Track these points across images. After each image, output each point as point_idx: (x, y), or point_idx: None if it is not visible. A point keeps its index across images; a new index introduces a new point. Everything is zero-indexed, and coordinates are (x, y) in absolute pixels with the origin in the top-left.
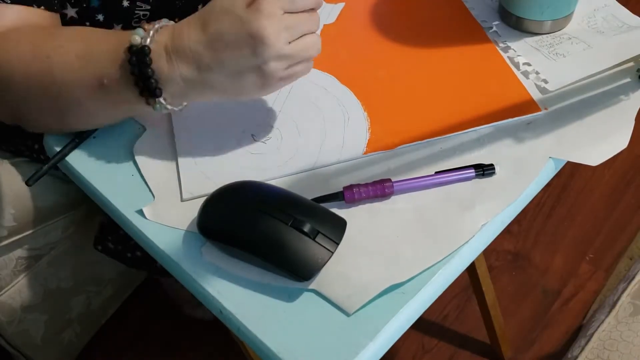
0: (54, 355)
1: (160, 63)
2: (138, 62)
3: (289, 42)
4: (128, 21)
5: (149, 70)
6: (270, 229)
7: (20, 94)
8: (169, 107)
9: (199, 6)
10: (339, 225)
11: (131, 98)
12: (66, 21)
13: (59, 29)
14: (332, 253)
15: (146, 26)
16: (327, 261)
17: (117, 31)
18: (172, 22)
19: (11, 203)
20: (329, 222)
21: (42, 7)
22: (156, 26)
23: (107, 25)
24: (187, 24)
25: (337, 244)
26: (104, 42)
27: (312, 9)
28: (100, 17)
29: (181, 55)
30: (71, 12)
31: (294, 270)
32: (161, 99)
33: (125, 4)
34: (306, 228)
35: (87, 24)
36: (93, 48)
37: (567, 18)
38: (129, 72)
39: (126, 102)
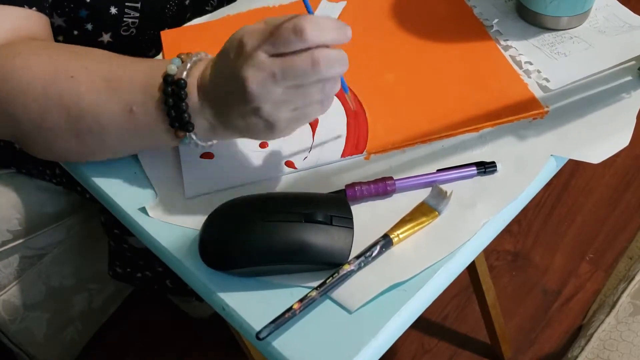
0: (55, 353)
1: (192, 98)
2: (173, 94)
3: (282, 87)
4: (117, 29)
5: (183, 104)
6: (289, 234)
7: (36, 112)
8: (199, 142)
9: (187, 15)
10: (342, 203)
11: (159, 129)
12: (54, 29)
13: (78, 47)
14: (353, 228)
15: (183, 56)
16: (352, 237)
17: (142, 58)
18: (210, 56)
19: (16, 209)
20: (332, 203)
21: (34, 9)
22: (193, 59)
23: (95, 34)
24: (210, 60)
25: (351, 219)
26: (132, 68)
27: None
28: (89, 26)
29: (204, 92)
30: (59, 20)
31: (329, 260)
32: (192, 134)
33: (113, 11)
34: (320, 217)
35: (75, 32)
36: (121, 72)
37: (584, 15)
38: (162, 103)
39: (153, 133)
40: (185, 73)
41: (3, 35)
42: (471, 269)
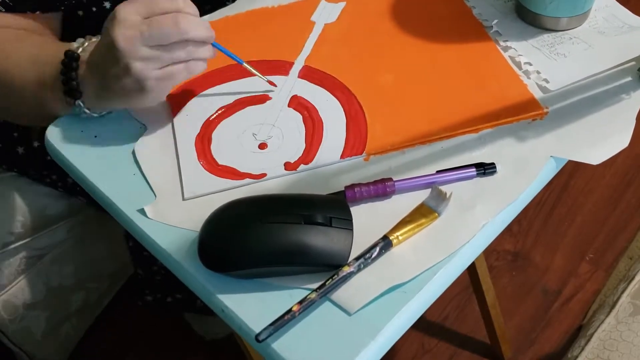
0: (52, 349)
1: (82, 70)
2: (67, 65)
3: (148, 46)
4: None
5: (73, 73)
6: (289, 235)
7: None
8: (87, 110)
9: (207, 7)
10: (342, 204)
11: (56, 96)
12: (73, 4)
13: (31, 36)
14: (352, 230)
15: (89, 36)
16: (352, 239)
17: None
18: None
19: (19, 211)
20: (332, 205)
21: (38, 12)
22: (93, 39)
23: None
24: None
25: (351, 220)
26: (54, 47)
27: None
28: (107, 4)
29: (90, 65)
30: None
31: (328, 261)
32: (80, 102)
33: (107, 5)
34: (320, 219)
35: (94, 9)
36: (44, 52)
37: (584, 16)
38: (59, 72)
39: (56, 100)
40: (80, 49)
41: None
42: (471, 269)
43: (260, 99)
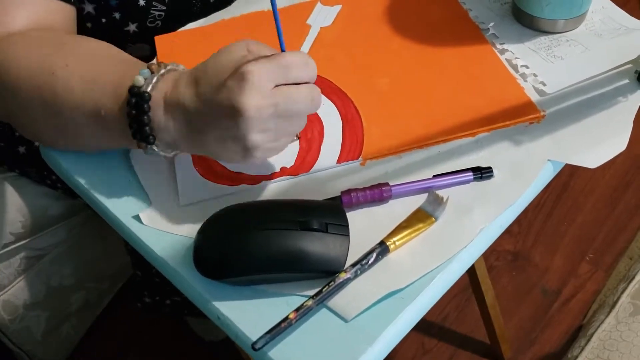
0: (52, 349)
1: (157, 112)
2: (136, 106)
3: (275, 117)
4: (143, 20)
5: (146, 117)
6: (285, 242)
7: (22, 102)
8: (161, 153)
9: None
10: (338, 210)
11: (125, 135)
12: (82, 16)
13: (70, 42)
14: (348, 236)
15: (153, 67)
16: (348, 245)
17: (127, 59)
18: (181, 67)
19: (20, 211)
20: (328, 210)
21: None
22: (162, 71)
23: (122, 23)
24: (185, 77)
25: (347, 226)
26: (110, 70)
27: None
28: (117, 15)
29: (175, 110)
30: (89, 7)
31: (325, 268)
32: (153, 146)
33: (142, 3)
34: (316, 225)
35: (104, 20)
36: (98, 74)
37: (581, 18)
38: (126, 113)
39: (121, 137)
40: (150, 86)
41: (19, 23)
42: (470, 269)
43: None
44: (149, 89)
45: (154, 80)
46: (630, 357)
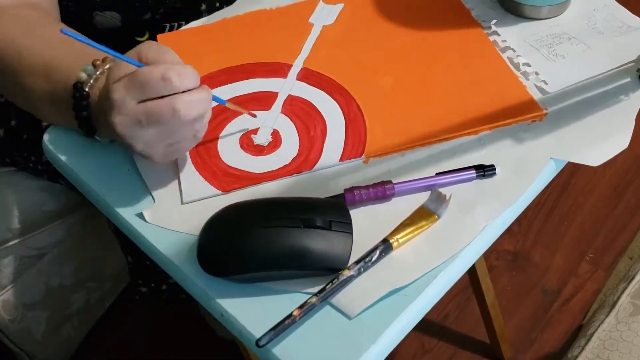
0: (53, 350)
1: (95, 106)
2: (78, 102)
3: (146, 128)
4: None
5: (85, 113)
6: (289, 240)
7: None
8: (105, 140)
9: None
10: (341, 207)
11: (73, 120)
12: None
13: (43, 26)
14: (352, 233)
15: (97, 62)
16: (352, 242)
17: (86, 48)
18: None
19: (17, 207)
20: (331, 208)
21: None
22: (99, 70)
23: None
24: (103, 89)
25: (350, 223)
26: (68, 60)
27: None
28: None
29: (100, 115)
30: None
31: (328, 265)
32: (96, 137)
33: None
34: (320, 222)
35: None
36: (59, 61)
37: (565, 4)
38: (71, 106)
39: (72, 122)
40: (88, 86)
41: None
42: (471, 269)
43: (258, 103)
44: (87, 88)
45: (92, 80)
46: (630, 357)
